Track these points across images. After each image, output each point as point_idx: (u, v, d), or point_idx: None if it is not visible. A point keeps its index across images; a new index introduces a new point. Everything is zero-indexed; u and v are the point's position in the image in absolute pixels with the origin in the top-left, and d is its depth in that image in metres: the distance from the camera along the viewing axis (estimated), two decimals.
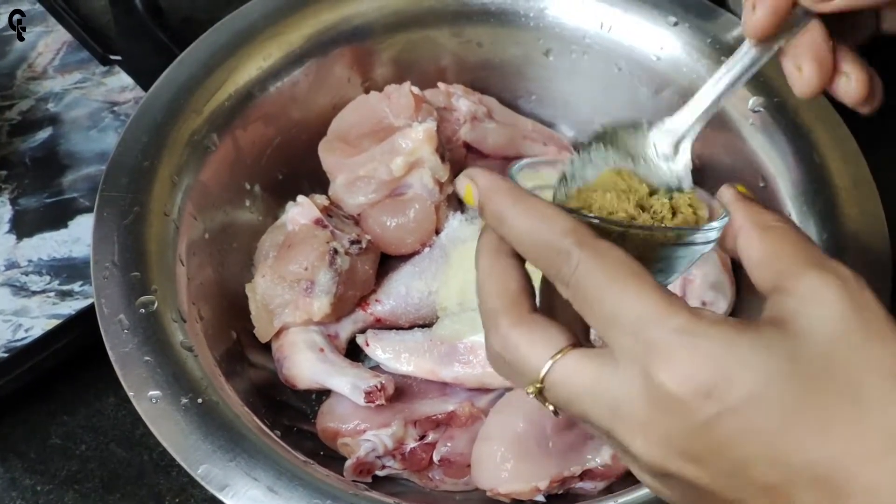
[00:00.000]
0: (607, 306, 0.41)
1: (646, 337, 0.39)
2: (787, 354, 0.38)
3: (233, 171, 0.79)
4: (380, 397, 0.72)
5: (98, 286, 0.67)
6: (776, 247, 0.42)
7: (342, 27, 0.84)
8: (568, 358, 0.42)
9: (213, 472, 0.60)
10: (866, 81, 0.50)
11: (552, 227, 0.42)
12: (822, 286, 0.40)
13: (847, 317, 0.39)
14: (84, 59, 0.98)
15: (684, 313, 0.39)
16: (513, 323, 0.44)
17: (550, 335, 0.43)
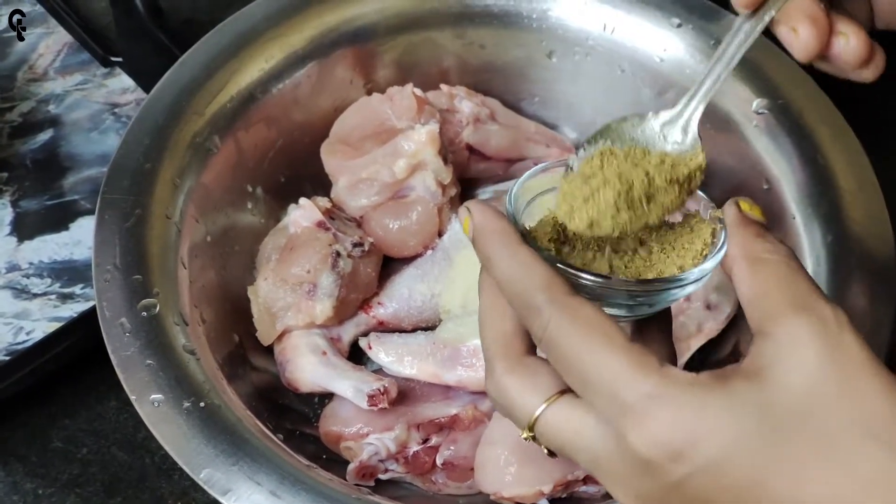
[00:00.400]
0: (579, 368, 0.41)
1: (618, 401, 0.40)
2: (759, 410, 0.39)
3: (235, 173, 0.79)
4: (383, 401, 0.72)
5: (100, 289, 0.67)
6: (764, 285, 0.42)
7: (344, 29, 0.83)
8: (555, 407, 0.43)
9: (216, 477, 0.60)
10: (865, 40, 0.50)
11: (528, 279, 0.43)
12: (801, 331, 0.39)
13: (823, 365, 0.39)
14: (85, 61, 0.98)
15: (654, 376, 0.40)
16: (505, 369, 0.45)
17: (540, 381, 0.44)
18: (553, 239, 0.49)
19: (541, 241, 0.48)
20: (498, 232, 0.45)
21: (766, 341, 0.40)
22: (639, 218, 0.49)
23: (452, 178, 0.80)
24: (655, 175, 0.49)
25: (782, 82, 0.78)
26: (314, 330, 0.77)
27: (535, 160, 0.88)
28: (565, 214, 0.48)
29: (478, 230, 0.45)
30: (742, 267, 0.43)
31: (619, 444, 0.40)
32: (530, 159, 0.88)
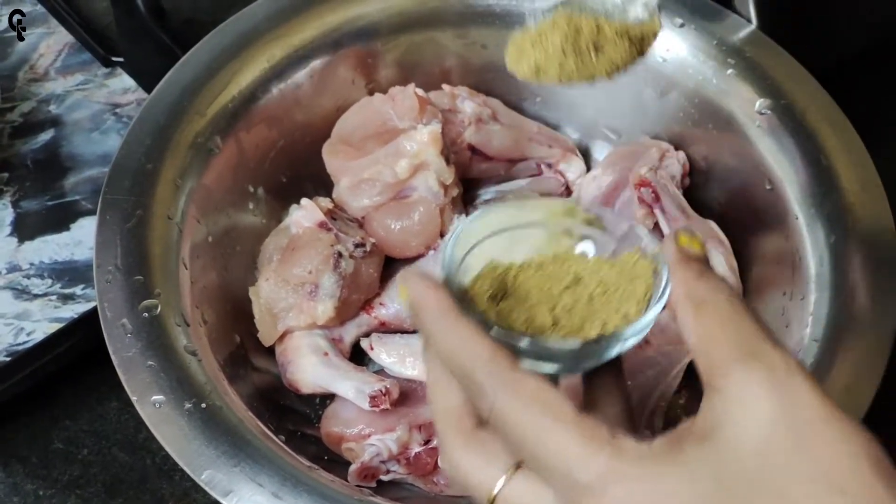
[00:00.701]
0: (530, 447, 0.40)
1: (571, 481, 0.39)
2: (714, 476, 0.37)
3: (236, 173, 0.79)
4: (384, 401, 0.72)
5: (101, 290, 0.66)
6: (708, 331, 0.40)
7: (346, 29, 0.83)
8: (513, 483, 0.42)
9: (217, 478, 0.60)
10: None
11: (470, 356, 0.42)
12: (749, 384, 0.38)
13: (775, 419, 0.37)
14: (86, 61, 0.98)
15: (606, 451, 0.38)
16: (458, 445, 0.44)
17: (496, 456, 0.43)
18: (493, 295, 0.46)
19: (479, 302, 0.46)
20: (435, 306, 0.43)
21: (715, 396, 0.39)
22: (586, 67, 0.48)
23: (454, 178, 0.80)
24: (605, 25, 0.48)
25: (785, 82, 0.77)
26: (316, 331, 0.77)
27: (537, 160, 0.88)
28: (513, 61, 0.48)
29: (414, 305, 0.44)
30: (685, 310, 0.42)
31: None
32: (532, 159, 0.88)
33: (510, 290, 0.47)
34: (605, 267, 0.47)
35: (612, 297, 0.46)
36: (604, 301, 0.46)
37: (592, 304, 0.46)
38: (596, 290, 0.46)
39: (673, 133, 0.85)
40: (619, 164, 0.83)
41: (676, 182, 0.81)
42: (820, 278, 0.70)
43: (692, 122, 0.82)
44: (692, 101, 0.82)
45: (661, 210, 0.78)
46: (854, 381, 0.63)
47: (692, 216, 0.79)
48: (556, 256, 0.48)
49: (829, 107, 0.76)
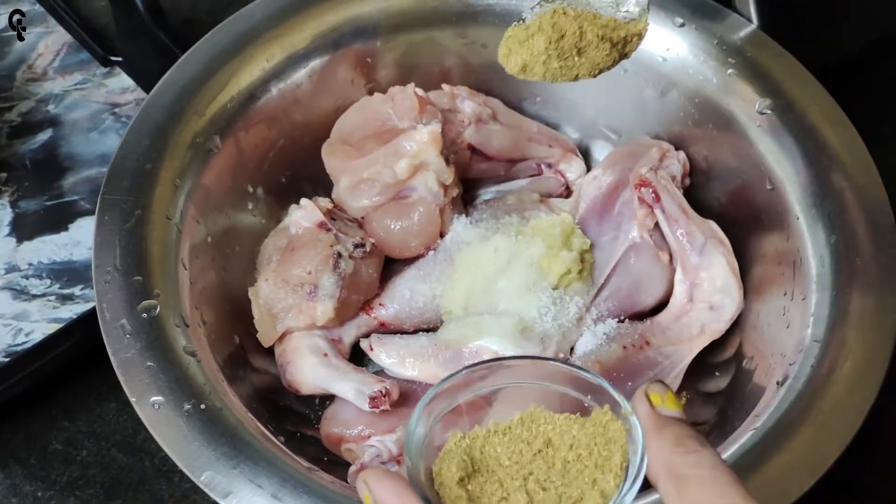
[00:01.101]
0: None
1: None
2: None
3: (235, 173, 0.79)
4: (384, 402, 0.71)
5: (100, 291, 0.66)
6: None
7: (345, 28, 0.83)
8: None
9: (217, 479, 0.59)
10: None
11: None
12: None
13: None
14: (84, 61, 0.97)
15: None
16: None
17: None
18: (461, 478, 0.44)
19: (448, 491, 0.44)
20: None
21: None
22: (569, 68, 0.52)
23: (454, 178, 0.80)
24: (588, 30, 0.49)
25: (786, 82, 0.77)
26: (315, 331, 0.76)
27: (537, 160, 0.88)
28: (503, 56, 0.52)
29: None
30: (667, 488, 0.40)
31: None
32: (532, 159, 0.88)
33: (478, 464, 0.45)
34: (575, 427, 0.45)
35: (586, 462, 0.44)
36: (578, 469, 0.44)
37: (567, 473, 0.44)
38: (568, 454, 0.45)
39: (673, 133, 0.85)
40: (619, 164, 0.83)
41: (677, 182, 0.81)
42: (821, 278, 0.69)
43: (693, 122, 0.82)
44: (693, 100, 0.81)
45: (661, 210, 0.78)
46: (856, 382, 0.63)
47: (693, 216, 0.78)
48: (522, 418, 0.46)
49: (830, 106, 0.76)
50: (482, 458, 0.45)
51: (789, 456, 0.60)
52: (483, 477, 0.45)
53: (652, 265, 0.78)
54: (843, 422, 0.61)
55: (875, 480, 0.76)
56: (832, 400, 0.63)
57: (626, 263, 0.79)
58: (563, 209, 0.84)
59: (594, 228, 0.81)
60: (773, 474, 0.59)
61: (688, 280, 0.77)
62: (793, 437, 0.61)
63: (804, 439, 0.61)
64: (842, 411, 0.62)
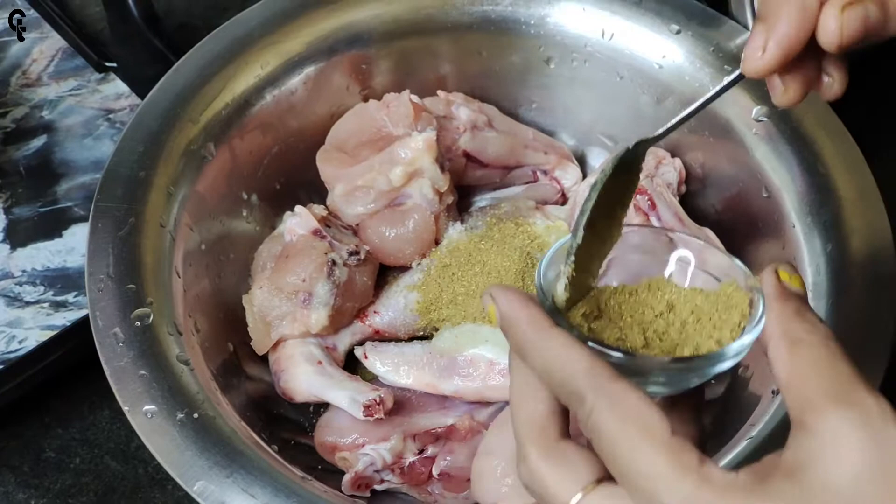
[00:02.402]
0: (619, 460, 0.40)
1: (652, 502, 0.39)
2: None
3: (230, 180, 0.78)
4: (379, 411, 0.71)
5: (93, 299, 0.66)
6: (801, 369, 0.40)
7: (340, 35, 0.83)
8: (592, 497, 0.42)
9: (210, 489, 0.59)
10: (846, 84, 0.49)
11: (569, 365, 0.42)
12: (843, 427, 0.38)
13: (868, 464, 0.37)
14: (79, 66, 0.97)
15: (693, 478, 0.38)
16: (540, 455, 0.43)
17: (576, 470, 0.42)
18: (585, 314, 0.47)
19: (573, 318, 0.46)
20: (526, 318, 0.43)
21: (806, 435, 0.39)
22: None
23: (449, 185, 0.79)
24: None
25: None
26: (309, 339, 0.76)
27: (532, 167, 0.88)
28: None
29: (504, 319, 0.44)
30: (779, 348, 0.41)
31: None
32: (528, 166, 0.88)
33: (603, 311, 0.47)
34: (700, 296, 0.47)
35: (705, 324, 0.46)
36: (697, 328, 0.46)
37: (685, 329, 0.46)
38: (689, 317, 0.46)
39: (669, 140, 0.84)
40: None
41: (673, 189, 0.81)
42: (817, 287, 0.69)
43: (689, 129, 0.82)
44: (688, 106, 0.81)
45: (657, 218, 0.77)
46: None
47: (688, 224, 0.78)
48: (649, 284, 0.48)
49: (826, 114, 0.76)
50: (606, 308, 0.47)
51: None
52: (604, 321, 0.47)
53: None
54: None
55: None
56: None
57: None
58: (558, 216, 0.84)
59: None
60: None
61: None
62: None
63: None
64: None
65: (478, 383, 0.74)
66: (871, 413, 0.38)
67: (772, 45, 0.47)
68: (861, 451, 0.37)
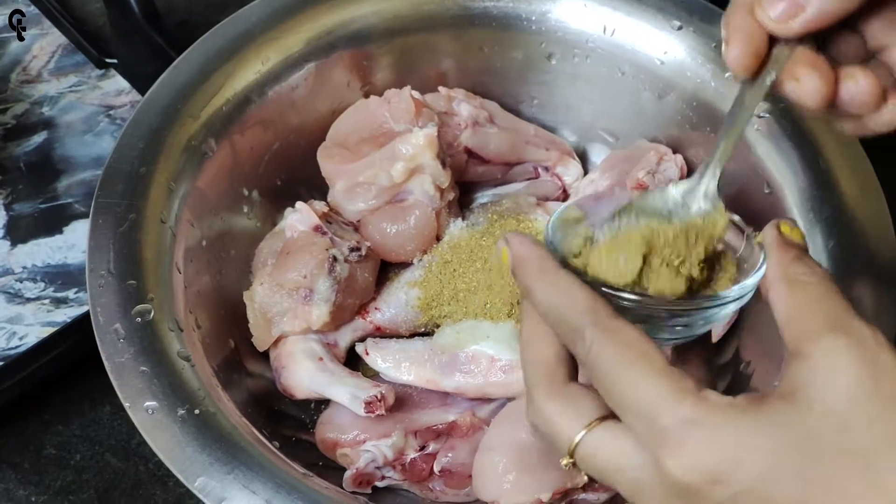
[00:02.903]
0: (618, 390, 0.42)
1: (655, 426, 0.40)
2: (798, 432, 0.39)
3: (230, 176, 0.78)
4: (380, 407, 0.71)
5: (93, 295, 0.66)
6: (800, 305, 0.42)
7: (341, 31, 0.83)
8: (595, 433, 0.44)
9: (211, 485, 0.59)
10: (874, 78, 0.48)
11: (571, 304, 0.44)
12: (838, 351, 0.39)
13: (862, 385, 0.39)
14: (79, 63, 0.97)
15: (691, 400, 0.40)
16: (547, 395, 0.46)
17: (582, 407, 0.45)
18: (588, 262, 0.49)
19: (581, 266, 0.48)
20: (536, 259, 0.46)
21: (802, 362, 0.40)
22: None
23: (451, 181, 0.79)
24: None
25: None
26: (310, 335, 0.76)
27: (534, 163, 0.88)
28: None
29: (516, 259, 0.46)
30: (779, 288, 0.43)
31: (659, 470, 0.40)
32: (529, 162, 0.88)
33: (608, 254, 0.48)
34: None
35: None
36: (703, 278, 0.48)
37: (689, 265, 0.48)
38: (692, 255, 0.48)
39: (671, 136, 0.84)
40: (616, 168, 0.82)
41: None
42: None
43: (690, 126, 0.82)
44: (690, 104, 0.81)
45: None
46: None
47: None
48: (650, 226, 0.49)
49: None
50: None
51: None
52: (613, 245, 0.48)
53: None
54: None
55: None
56: None
57: None
58: None
59: None
60: None
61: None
62: None
63: None
64: None
65: (479, 380, 0.74)
66: (864, 338, 0.40)
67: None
68: (854, 373, 0.39)
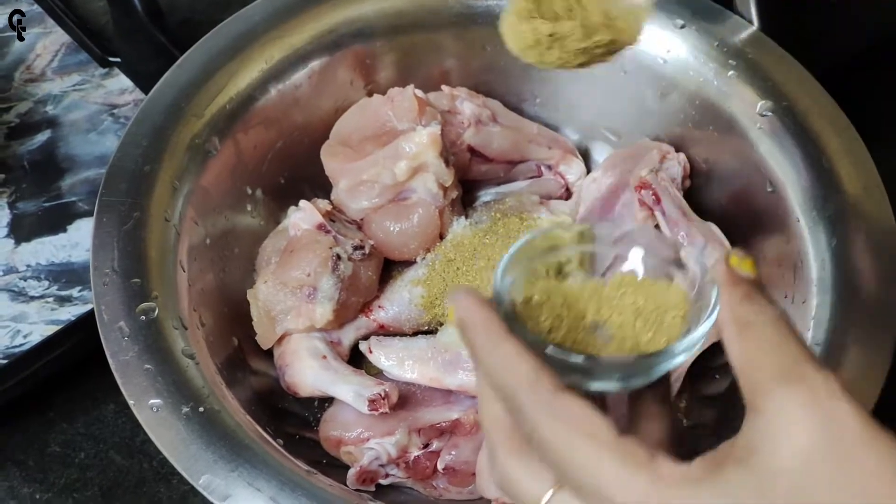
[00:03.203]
0: (570, 472, 0.41)
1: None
2: (753, 498, 0.37)
3: (234, 175, 0.78)
4: (383, 405, 0.71)
5: (98, 293, 0.66)
6: (751, 353, 0.40)
7: (344, 29, 0.83)
8: (559, 497, 0.42)
9: (215, 483, 0.59)
10: None
11: (512, 378, 0.42)
12: (791, 406, 0.38)
13: (816, 442, 0.37)
14: (83, 61, 0.97)
15: (644, 476, 0.39)
16: (509, 455, 0.44)
17: (544, 471, 0.43)
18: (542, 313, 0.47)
19: (530, 322, 0.46)
20: (481, 324, 0.43)
21: (756, 418, 0.39)
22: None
23: (454, 180, 0.80)
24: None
25: (787, 84, 0.77)
26: (314, 333, 0.76)
27: (536, 162, 0.88)
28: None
29: (461, 322, 0.44)
30: (730, 332, 0.41)
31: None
32: (532, 161, 0.88)
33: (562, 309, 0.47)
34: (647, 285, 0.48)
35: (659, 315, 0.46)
36: (653, 319, 0.46)
37: (640, 317, 0.46)
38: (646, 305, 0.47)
39: (673, 135, 0.84)
40: (619, 166, 0.82)
41: (677, 184, 0.81)
42: (822, 281, 0.69)
43: (693, 124, 0.82)
44: (693, 102, 0.81)
45: (661, 212, 0.77)
46: (856, 384, 0.63)
47: (693, 218, 0.78)
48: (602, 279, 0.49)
49: (831, 108, 0.76)
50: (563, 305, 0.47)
51: None
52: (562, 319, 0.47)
53: None
54: None
55: None
56: None
57: None
58: (563, 211, 0.84)
59: None
60: None
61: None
62: None
63: None
64: None
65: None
66: (817, 389, 0.38)
67: None
68: (808, 432, 0.37)
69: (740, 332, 0.41)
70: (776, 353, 0.40)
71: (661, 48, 0.82)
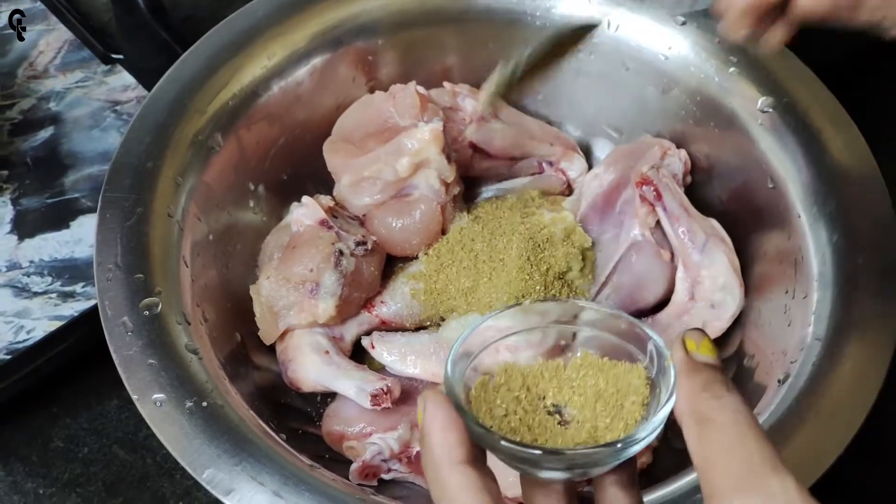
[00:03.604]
0: None
1: None
2: None
3: (237, 171, 0.79)
4: (386, 400, 0.71)
5: (101, 288, 0.66)
6: (709, 455, 0.40)
7: (347, 26, 0.83)
8: None
9: (219, 477, 0.59)
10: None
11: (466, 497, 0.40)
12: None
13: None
14: (85, 58, 0.97)
15: None
16: None
17: None
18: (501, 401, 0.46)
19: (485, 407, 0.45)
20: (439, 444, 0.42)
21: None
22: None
23: (456, 176, 0.80)
24: None
25: (788, 80, 0.77)
26: (316, 329, 0.76)
27: (538, 158, 0.88)
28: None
29: (422, 434, 0.43)
30: (689, 425, 0.41)
31: None
32: (534, 157, 0.88)
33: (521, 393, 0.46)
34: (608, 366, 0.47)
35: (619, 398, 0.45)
36: (613, 402, 0.45)
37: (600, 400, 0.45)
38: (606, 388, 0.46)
39: (675, 131, 0.85)
40: (620, 163, 0.83)
41: (678, 180, 0.81)
42: (822, 277, 0.69)
43: (694, 121, 0.82)
44: (694, 98, 0.82)
45: (662, 208, 0.78)
46: (857, 379, 0.63)
47: (694, 214, 0.78)
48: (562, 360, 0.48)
49: (832, 105, 0.76)
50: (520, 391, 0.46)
51: (790, 454, 0.60)
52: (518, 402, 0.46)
53: (653, 263, 0.78)
54: (845, 420, 0.62)
55: (876, 479, 0.76)
56: (833, 398, 0.63)
57: (628, 261, 0.78)
58: (564, 207, 0.84)
59: (596, 226, 0.81)
60: None
61: (689, 278, 0.77)
62: (794, 436, 0.61)
63: (805, 437, 0.61)
64: (843, 409, 0.62)
65: None
66: (775, 497, 0.37)
67: None
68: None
69: (699, 428, 0.40)
70: (734, 456, 0.39)
71: (663, 45, 0.82)
